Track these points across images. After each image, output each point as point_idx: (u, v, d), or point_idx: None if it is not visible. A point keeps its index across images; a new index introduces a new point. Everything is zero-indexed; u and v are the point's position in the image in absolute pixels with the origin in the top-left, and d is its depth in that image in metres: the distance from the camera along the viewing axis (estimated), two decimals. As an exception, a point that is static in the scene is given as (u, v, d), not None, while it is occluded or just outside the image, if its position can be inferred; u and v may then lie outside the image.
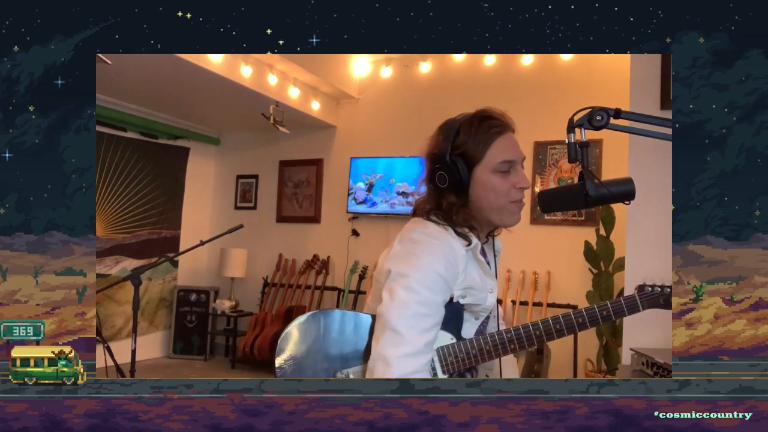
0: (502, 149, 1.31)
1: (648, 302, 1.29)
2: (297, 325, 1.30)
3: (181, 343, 5.73)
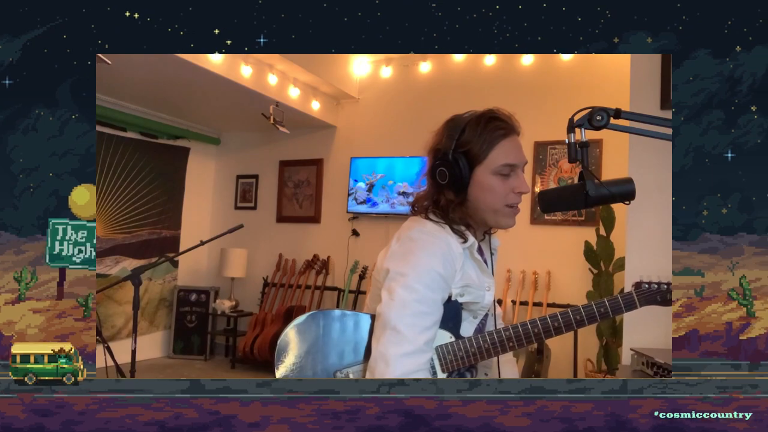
0: (505, 152, 1.31)
1: (645, 299, 1.29)
2: (296, 326, 1.30)
3: (181, 343, 5.73)
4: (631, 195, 1.20)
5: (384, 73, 5.38)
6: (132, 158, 5.36)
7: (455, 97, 4.97)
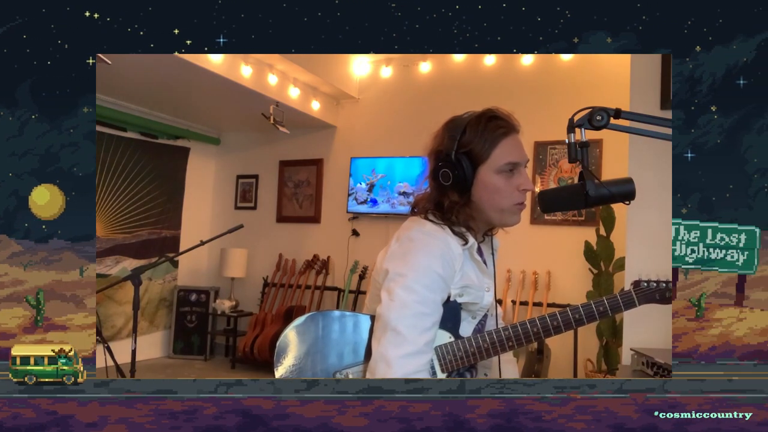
0: (507, 150, 1.31)
1: (644, 297, 1.29)
2: (295, 327, 1.30)
3: (181, 343, 5.73)
4: (631, 195, 1.20)
5: (384, 73, 5.38)
6: (132, 158, 5.36)
7: (455, 97, 4.97)
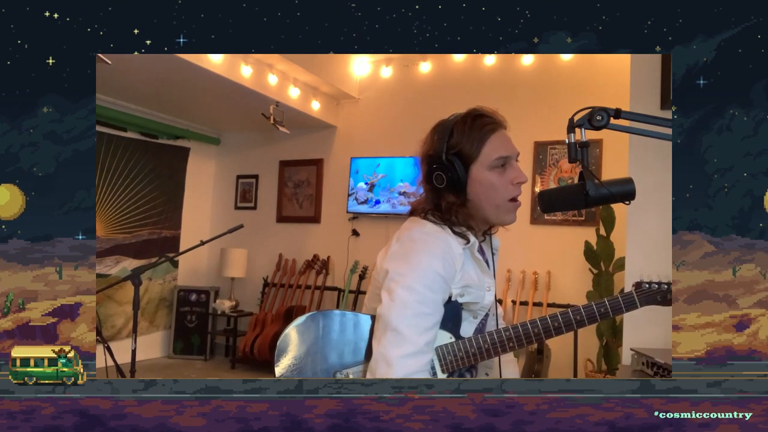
0: (496, 146, 1.32)
1: (646, 299, 1.29)
2: (295, 327, 1.30)
3: (182, 343, 5.73)
4: (631, 195, 1.20)
5: (384, 73, 5.38)
6: (132, 158, 5.36)
7: (455, 97, 4.97)
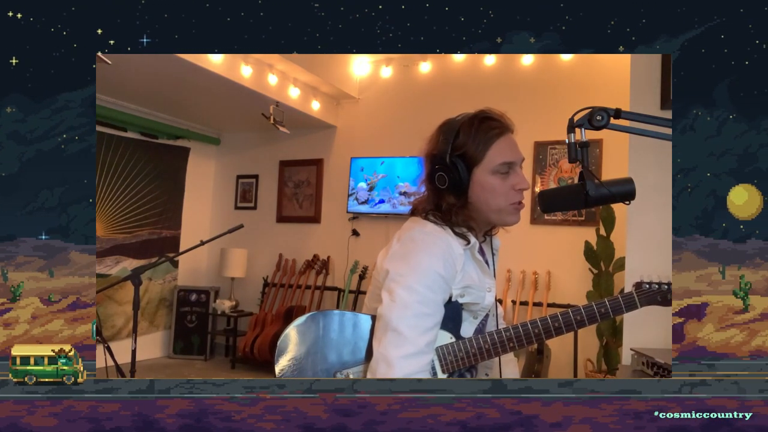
0: (501, 151, 1.31)
1: (646, 299, 1.29)
2: (295, 327, 1.30)
3: (182, 343, 5.73)
4: (631, 195, 1.20)
5: (384, 73, 5.38)
6: (132, 158, 5.36)
7: (455, 97, 4.97)
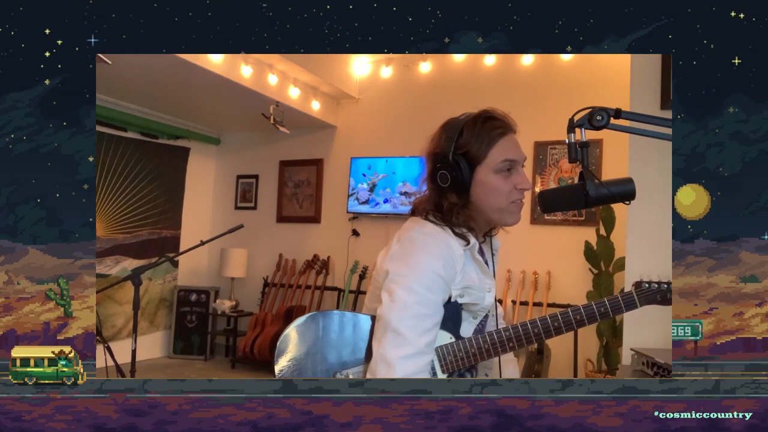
0: (504, 149, 1.32)
1: (645, 299, 1.29)
2: (295, 327, 1.30)
3: (182, 343, 5.73)
4: (631, 195, 1.20)
5: (384, 73, 5.38)
6: (132, 158, 5.36)
7: (455, 97, 4.97)
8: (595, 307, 1.29)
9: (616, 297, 1.29)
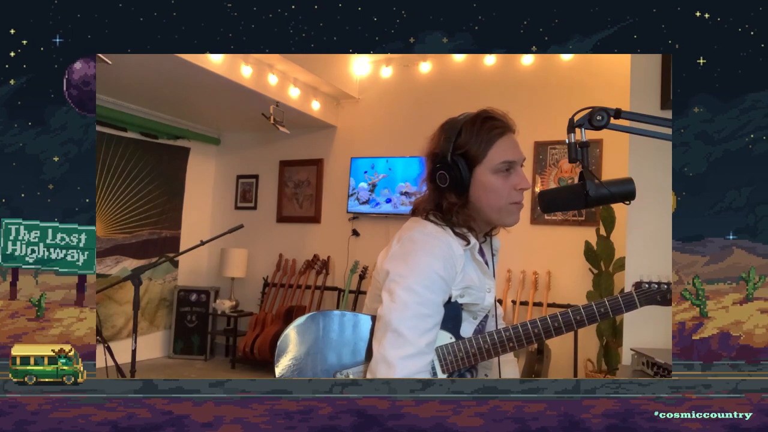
0: (503, 149, 1.31)
1: (645, 299, 1.29)
2: (295, 327, 1.30)
3: (182, 343, 5.73)
4: (631, 195, 1.20)
5: (384, 73, 5.38)
6: (132, 158, 5.36)
7: (455, 97, 4.97)
8: (595, 308, 1.29)
9: (616, 297, 1.30)
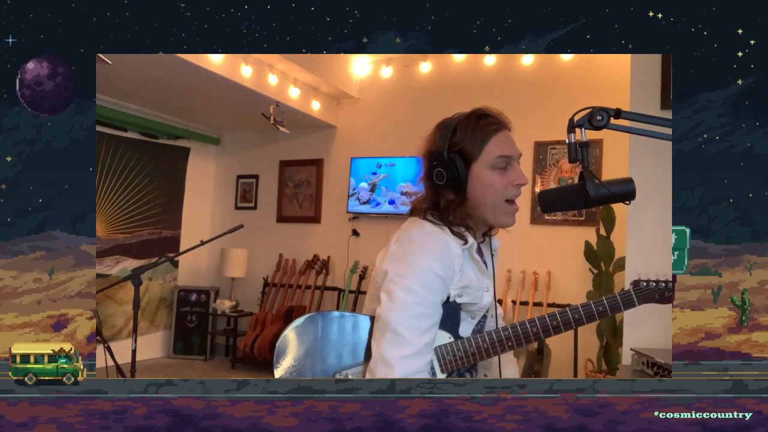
0: (499, 145, 1.32)
1: (643, 297, 1.29)
2: (294, 328, 1.30)
3: (182, 343, 5.73)
4: (631, 195, 1.20)
5: (384, 73, 5.38)
6: (132, 158, 5.36)
7: (455, 97, 4.97)
8: (593, 306, 1.29)
9: (615, 296, 1.30)
